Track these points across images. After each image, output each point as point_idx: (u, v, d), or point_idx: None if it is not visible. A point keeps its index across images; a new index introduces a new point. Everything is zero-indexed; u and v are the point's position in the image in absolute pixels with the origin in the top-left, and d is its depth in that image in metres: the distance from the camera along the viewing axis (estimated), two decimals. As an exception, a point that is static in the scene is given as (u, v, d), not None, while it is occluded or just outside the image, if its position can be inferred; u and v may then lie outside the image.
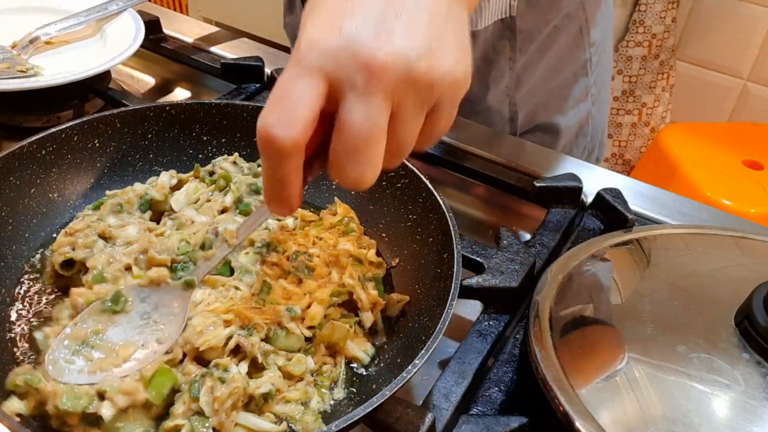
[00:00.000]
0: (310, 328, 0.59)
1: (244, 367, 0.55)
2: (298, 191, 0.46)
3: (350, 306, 0.62)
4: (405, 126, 0.44)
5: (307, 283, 0.62)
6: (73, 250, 0.62)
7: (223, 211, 0.69)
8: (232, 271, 0.63)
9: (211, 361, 0.54)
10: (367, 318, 0.61)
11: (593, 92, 1.08)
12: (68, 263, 0.62)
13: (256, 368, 0.56)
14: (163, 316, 0.55)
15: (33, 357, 0.57)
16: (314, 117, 0.42)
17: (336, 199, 0.72)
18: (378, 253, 0.68)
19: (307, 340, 0.59)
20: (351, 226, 0.68)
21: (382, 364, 0.59)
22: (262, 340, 0.57)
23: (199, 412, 0.51)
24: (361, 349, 0.60)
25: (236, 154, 0.75)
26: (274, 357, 0.56)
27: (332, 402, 0.56)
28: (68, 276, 0.62)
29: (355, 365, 0.60)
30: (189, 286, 0.57)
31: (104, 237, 0.64)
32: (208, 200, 0.70)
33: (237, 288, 0.60)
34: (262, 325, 0.57)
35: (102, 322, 0.54)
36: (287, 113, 0.41)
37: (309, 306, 0.60)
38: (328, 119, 0.44)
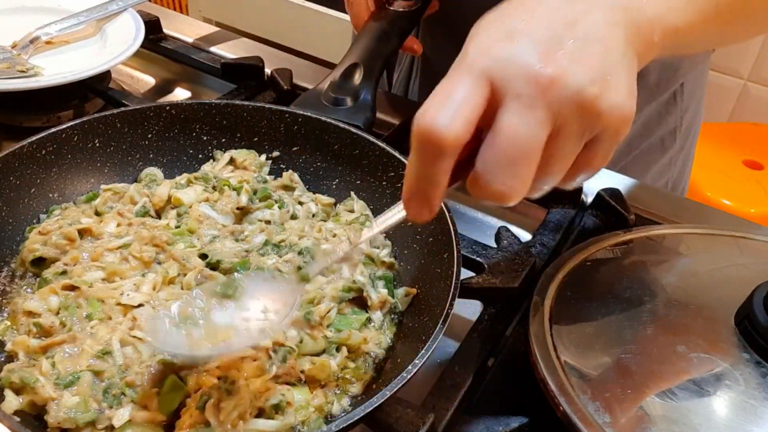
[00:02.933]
0: (328, 326, 0.59)
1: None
2: (441, 196, 0.44)
3: (360, 303, 0.62)
4: (561, 149, 0.42)
5: (317, 279, 0.62)
6: (46, 245, 0.63)
7: (239, 208, 0.70)
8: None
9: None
10: (377, 317, 0.61)
11: (679, 163, 1.03)
12: (40, 260, 0.62)
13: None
14: (273, 305, 0.55)
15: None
16: (476, 119, 0.41)
17: (352, 193, 0.73)
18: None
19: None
20: (368, 224, 0.68)
21: (382, 364, 0.59)
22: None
23: (206, 423, 0.51)
24: (374, 343, 0.60)
25: (229, 152, 0.76)
26: (299, 362, 0.56)
27: (349, 405, 0.56)
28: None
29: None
30: (303, 279, 0.56)
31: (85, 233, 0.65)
32: (216, 200, 0.71)
33: None
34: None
35: (210, 302, 0.54)
36: (451, 110, 0.40)
37: (318, 302, 0.60)
38: (477, 132, 0.42)
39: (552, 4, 0.43)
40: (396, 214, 0.53)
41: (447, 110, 0.40)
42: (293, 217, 0.70)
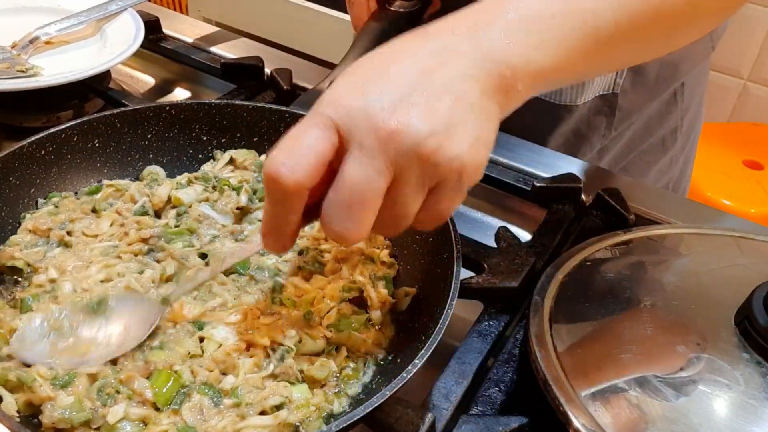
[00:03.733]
0: (328, 326, 0.59)
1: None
2: (294, 233, 0.48)
3: (360, 303, 0.62)
4: (403, 197, 0.45)
5: (317, 279, 0.62)
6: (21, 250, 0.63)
7: (239, 208, 0.70)
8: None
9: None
10: (377, 316, 0.61)
11: (680, 163, 1.03)
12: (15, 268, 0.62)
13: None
14: (135, 324, 0.57)
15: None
16: (320, 165, 0.44)
17: None
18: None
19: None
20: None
21: (382, 364, 0.59)
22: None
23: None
24: (374, 344, 0.60)
25: (229, 152, 0.76)
26: (298, 361, 0.56)
27: (349, 405, 0.56)
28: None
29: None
30: (165, 302, 0.58)
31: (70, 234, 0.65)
32: (216, 199, 0.71)
33: (248, 292, 0.61)
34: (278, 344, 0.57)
35: (80, 317, 0.56)
36: (296, 157, 0.43)
37: (318, 302, 0.60)
38: (333, 175, 0.45)
39: (413, 57, 0.45)
40: (256, 245, 0.56)
41: (292, 157, 0.43)
42: None
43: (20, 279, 0.62)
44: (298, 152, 0.43)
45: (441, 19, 0.48)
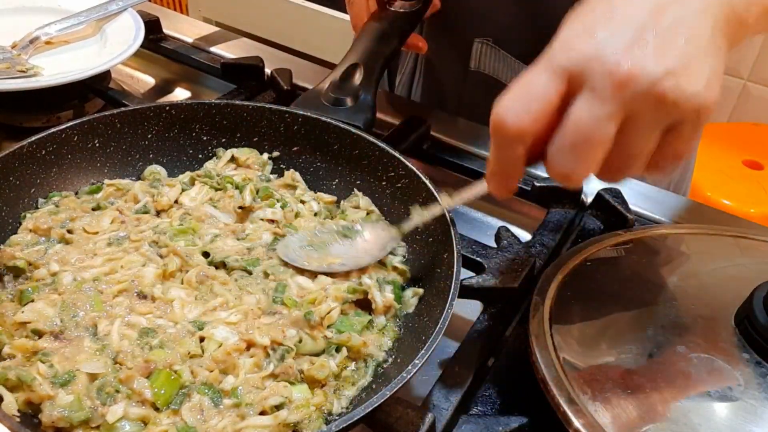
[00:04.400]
0: (329, 327, 0.59)
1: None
2: (518, 176, 0.49)
3: (365, 305, 0.62)
4: (635, 139, 0.44)
5: (322, 279, 0.63)
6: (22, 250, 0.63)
7: (240, 207, 0.70)
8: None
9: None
10: (380, 321, 0.61)
11: (682, 164, 1.03)
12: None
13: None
14: (373, 245, 0.66)
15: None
16: (546, 112, 0.44)
17: (355, 190, 0.73)
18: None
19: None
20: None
21: (383, 364, 0.59)
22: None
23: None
24: (375, 346, 0.60)
25: (231, 151, 0.76)
26: (298, 361, 0.56)
27: (349, 405, 0.56)
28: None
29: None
30: (400, 231, 0.65)
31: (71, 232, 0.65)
32: (219, 199, 0.71)
33: (249, 291, 0.61)
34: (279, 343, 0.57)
35: (333, 237, 0.66)
36: (522, 105, 0.44)
37: (320, 302, 0.60)
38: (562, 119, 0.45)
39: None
40: (479, 186, 0.57)
41: (518, 104, 0.44)
42: (297, 215, 0.70)
43: (20, 276, 0.62)
44: (524, 100, 0.44)
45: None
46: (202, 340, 0.57)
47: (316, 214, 0.72)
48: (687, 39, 0.43)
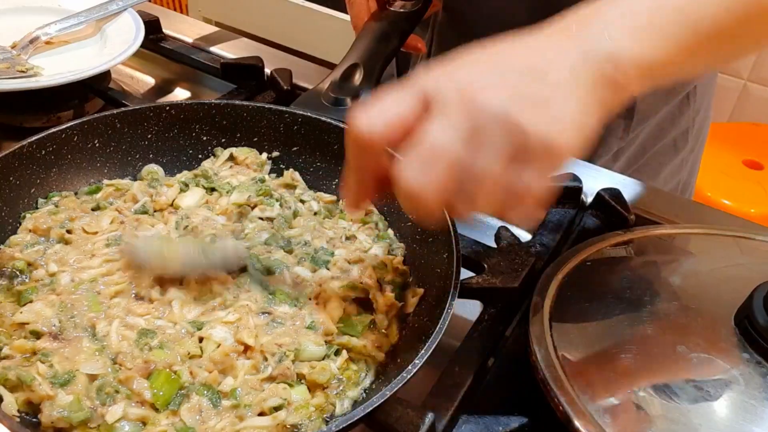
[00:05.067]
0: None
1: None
2: (368, 192, 0.50)
3: (366, 305, 0.62)
4: (480, 156, 0.43)
5: (322, 273, 0.63)
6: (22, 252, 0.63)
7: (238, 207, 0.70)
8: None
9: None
10: (381, 320, 0.61)
11: (689, 165, 1.03)
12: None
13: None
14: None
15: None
16: (398, 124, 0.45)
17: None
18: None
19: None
20: (388, 233, 0.70)
21: (383, 365, 0.59)
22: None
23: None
24: (376, 346, 0.59)
25: (230, 149, 0.76)
26: (298, 365, 0.56)
27: (350, 406, 0.56)
28: None
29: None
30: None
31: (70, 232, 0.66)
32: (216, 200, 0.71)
33: (247, 290, 0.61)
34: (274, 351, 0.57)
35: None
36: (375, 114, 0.45)
37: (324, 302, 0.60)
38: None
39: (512, 51, 0.46)
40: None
41: (371, 113, 0.45)
42: (295, 214, 0.70)
43: (20, 275, 0.62)
44: (379, 109, 0.45)
45: (537, 25, 0.48)
46: (201, 340, 0.57)
47: (315, 214, 0.72)
48: (549, 87, 0.43)
